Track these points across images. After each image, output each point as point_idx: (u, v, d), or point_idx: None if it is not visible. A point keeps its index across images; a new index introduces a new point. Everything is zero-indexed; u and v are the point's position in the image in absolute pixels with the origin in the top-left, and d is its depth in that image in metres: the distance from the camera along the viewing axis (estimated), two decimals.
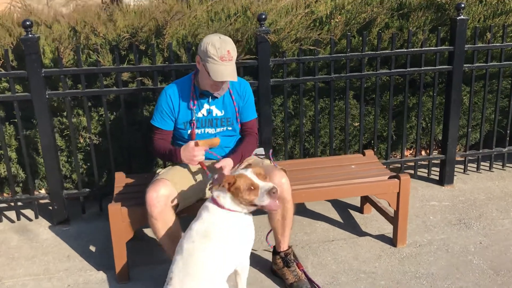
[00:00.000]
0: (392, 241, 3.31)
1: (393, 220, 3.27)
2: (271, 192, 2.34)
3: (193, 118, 2.82)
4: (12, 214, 3.76)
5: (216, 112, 2.87)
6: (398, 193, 3.14)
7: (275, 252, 2.93)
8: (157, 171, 2.92)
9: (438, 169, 4.28)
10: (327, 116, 4.10)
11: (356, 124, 4.18)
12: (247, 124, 3.00)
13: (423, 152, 4.60)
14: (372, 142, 4.13)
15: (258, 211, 2.54)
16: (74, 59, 3.47)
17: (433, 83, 4.06)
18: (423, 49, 3.87)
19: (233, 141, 2.99)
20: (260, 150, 3.12)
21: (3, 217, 3.74)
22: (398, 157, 4.45)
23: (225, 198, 2.44)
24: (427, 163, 4.28)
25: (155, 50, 3.45)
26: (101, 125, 3.72)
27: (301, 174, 3.33)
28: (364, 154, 3.64)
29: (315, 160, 3.64)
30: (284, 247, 2.90)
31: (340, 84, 4.06)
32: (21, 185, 3.88)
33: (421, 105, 4.07)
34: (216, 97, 2.85)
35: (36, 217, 3.74)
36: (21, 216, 3.76)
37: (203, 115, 2.85)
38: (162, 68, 3.50)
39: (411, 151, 4.63)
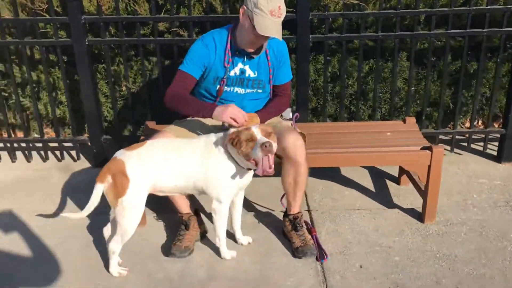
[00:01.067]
0: (420, 217, 3.08)
1: (423, 194, 3.02)
2: (263, 146, 2.26)
3: (225, 76, 2.74)
4: (57, 154, 4.03)
5: (249, 72, 2.77)
6: (429, 166, 2.88)
7: (286, 214, 2.85)
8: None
9: (496, 144, 3.87)
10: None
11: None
12: (280, 87, 2.88)
13: (480, 125, 4.17)
14: (423, 109, 3.81)
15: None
16: (115, 7, 3.52)
17: (498, 47, 3.60)
18: (488, 7, 3.43)
19: (262, 104, 2.90)
20: (287, 112, 3.00)
21: (49, 155, 4.00)
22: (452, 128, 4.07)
23: (232, 149, 2.45)
24: (483, 136, 3.87)
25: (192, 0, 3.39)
26: (140, 74, 3.78)
27: (331, 138, 3.17)
28: (405, 122, 3.37)
29: (350, 124, 3.44)
30: (294, 210, 2.80)
31: (391, 44, 3.75)
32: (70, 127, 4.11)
33: (481, 72, 3.65)
34: (252, 57, 2.73)
35: (78, 158, 3.96)
36: (66, 156, 4.01)
37: (235, 73, 2.76)
38: (198, 19, 3.44)
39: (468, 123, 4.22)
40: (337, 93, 3.93)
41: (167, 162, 2.48)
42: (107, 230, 2.69)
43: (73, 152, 4.00)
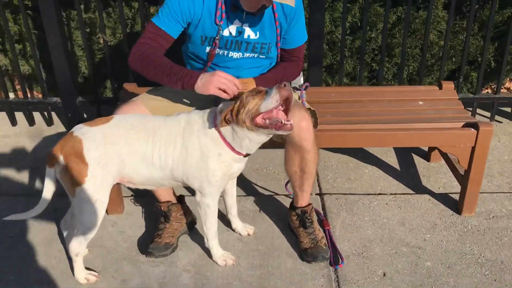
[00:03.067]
0: (456, 206, 2.53)
1: (462, 180, 2.46)
2: (281, 84, 1.74)
3: (217, 37, 2.11)
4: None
5: (249, 33, 2.12)
6: (473, 148, 2.30)
7: (292, 206, 2.31)
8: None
9: None
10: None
11: (442, 43, 3.20)
12: (291, 51, 2.24)
13: None
14: (461, 68, 3.17)
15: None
16: None
17: None
18: None
19: (265, 71, 2.26)
20: (298, 79, 2.38)
21: (17, 120, 3.44)
22: (491, 91, 3.44)
23: (227, 129, 1.90)
24: None
25: None
26: (120, 24, 3.14)
27: (349, 108, 2.56)
28: (440, 87, 2.74)
29: (373, 90, 2.81)
30: (302, 202, 2.26)
31: None
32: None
33: None
34: (254, 15, 2.07)
35: (52, 123, 3.40)
36: (37, 121, 3.45)
37: (230, 34, 2.11)
38: None
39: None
40: (357, 47, 3.29)
41: (137, 145, 1.92)
42: (65, 225, 2.18)
43: (46, 115, 3.43)
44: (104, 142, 1.91)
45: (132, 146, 1.93)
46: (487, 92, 3.50)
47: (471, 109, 3.26)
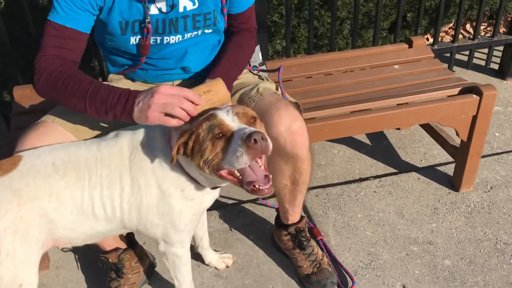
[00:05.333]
0: (450, 182, 2.21)
1: (457, 153, 2.13)
2: (249, 140, 1.13)
3: (148, 18, 1.44)
4: None
5: (185, 3, 1.48)
6: (475, 117, 1.96)
7: (281, 224, 1.81)
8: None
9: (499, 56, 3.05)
10: None
11: None
12: (242, 16, 1.63)
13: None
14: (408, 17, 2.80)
15: None
16: None
17: None
18: None
19: (215, 51, 1.66)
20: (256, 58, 1.81)
21: None
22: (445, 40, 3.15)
23: (185, 160, 1.32)
24: (487, 48, 3.00)
25: None
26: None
27: (319, 83, 2.09)
28: (410, 45, 2.35)
29: (337, 56, 2.32)
30: (293, 218, 1.77)
31: None
32: None
33: None
34: None
35: None
36: None
37: (160, 11, 1.46)
38: None
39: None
40: (297, 3, 2.78)
41: (67, 196, 1.29)
42: None
43: None
44: (17, 202, 1.25)
45: (61, 198, 1.29)
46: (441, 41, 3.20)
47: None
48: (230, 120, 1.21)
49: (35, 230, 1.28)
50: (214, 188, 1.40)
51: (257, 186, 1.20)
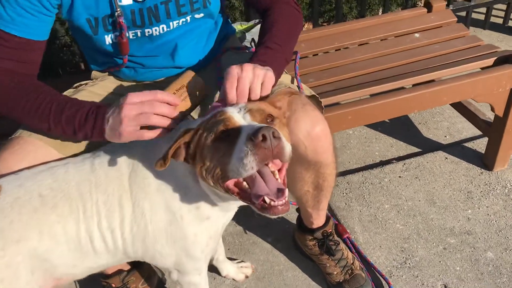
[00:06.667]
0: (481, 160, 2.01)
1: (490, 129, 1.91)
2: (256, 136, 0.87)
3: (118, 11, 1.18)
4: None
5: None
6: None
7: (305, 228, 1.60)
8: None
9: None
10: None
11: None
12: None
13: None
14: None
15: None
16: None
17: None
18: None
19: (212, 38, 1.40)
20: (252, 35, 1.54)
21: None
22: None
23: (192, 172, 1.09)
24: (505, 5, 2.76)
25: None
26: None
27: (333, 61, 1.84)
28: (429, 9, 2.09)
29: (351, 27, 2.05)
30: (319, 222, 1.56)
31: None
32: None
33: None
34: None
35: None
36: None
37: (134, 0, 1.19)
38: None
39: None
40: None
41: (61, 232, 1.07)
42: None
43: None
44: (1, 245, 1.02)
45: (54, 235, 1.07)
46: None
47: None
48: (240, 117, 0.97)
49: (26, 273, 1.06)
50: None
51: (268, 201, 0.92)
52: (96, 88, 1.36)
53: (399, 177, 1.98)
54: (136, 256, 1.17)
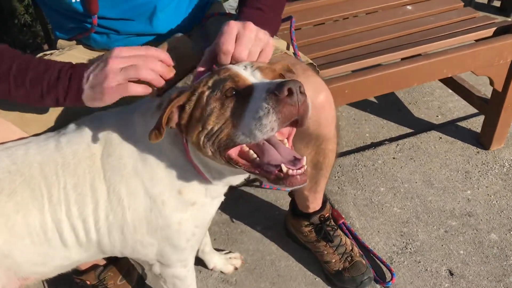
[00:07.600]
0: (478, 139, 1.92)
1: (486, 106, 1.82)
2: (281, 90, 0.74)
3: None
4: None
5: None
6: None
7: (299, 213, 1.46)
8: None
9: None
10: None
11: None
12: None
13: None
14: None
15: None
16: None
17: None
18: None
19: (192, 5, 1.23)
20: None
21: None
22: None
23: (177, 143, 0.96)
24: None
25: None
26: None
27: (325, 33, 1.71)
28: None
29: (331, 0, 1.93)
30: (315, 206, 1.42)
31: None
32: None
33: None
34: None
35: None
36: None
37: None
38: None
39: None
40: None
41: (21, 222, 0.91)
42: None
43: None
44: None
45: (14, 226, 0.90)
46: None
47: None
48: (249, 74, 0.83)
49: None
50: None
51: (284, 170, 0.78)
52: (63, 58, 1.17)
53: (393, 158, 1.87)
54: (113, 251, 1.01)
